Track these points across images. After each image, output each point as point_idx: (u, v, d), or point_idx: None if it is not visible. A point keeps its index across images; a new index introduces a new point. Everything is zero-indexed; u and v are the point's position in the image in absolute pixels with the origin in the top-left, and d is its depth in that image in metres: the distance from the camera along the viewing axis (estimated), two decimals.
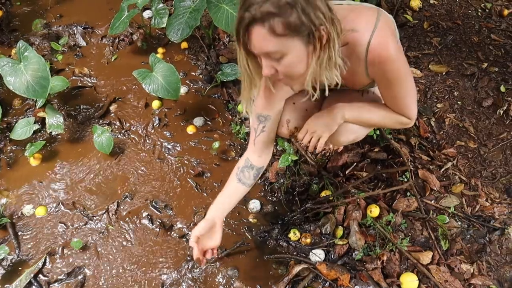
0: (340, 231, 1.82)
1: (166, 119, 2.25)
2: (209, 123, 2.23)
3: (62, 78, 2.22)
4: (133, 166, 2.09)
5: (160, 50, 2.49)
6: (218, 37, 2.53)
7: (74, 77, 2.43)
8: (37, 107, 2.25)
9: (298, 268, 1.72)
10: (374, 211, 1.83)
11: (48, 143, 2.18)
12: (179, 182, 2.03)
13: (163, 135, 2.19)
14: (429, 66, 2.38)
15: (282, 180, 1.99)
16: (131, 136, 2.20)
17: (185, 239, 1.86)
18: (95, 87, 2.39)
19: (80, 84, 2.40)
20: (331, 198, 1.89)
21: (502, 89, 2.30)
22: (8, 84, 1.97)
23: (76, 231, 1.90)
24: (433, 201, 1.91)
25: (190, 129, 2.19)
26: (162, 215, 1.94)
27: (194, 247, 1.36)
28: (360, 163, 2.00)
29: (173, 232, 1.89)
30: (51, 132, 2.19)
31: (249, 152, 1.53)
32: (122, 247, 1.85)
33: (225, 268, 1.76)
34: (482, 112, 2.23)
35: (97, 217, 1.94)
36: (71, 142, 2.19)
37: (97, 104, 2.31)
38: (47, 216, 1.95)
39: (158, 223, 1.90)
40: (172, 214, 1.94)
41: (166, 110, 2.28)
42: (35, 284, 1.74)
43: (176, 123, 2.23)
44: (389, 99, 1.35)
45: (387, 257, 1.72)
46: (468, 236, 1.82)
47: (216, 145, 2.10)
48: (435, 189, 1.94)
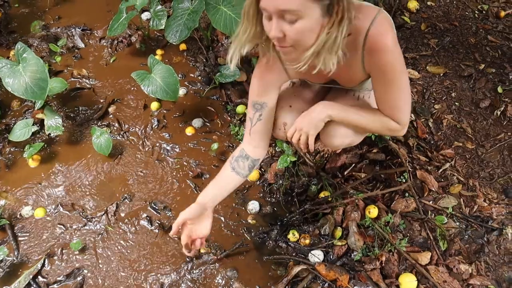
0: (339, 232, 1.83)
1: (165, 120, 2.25)
2: (207, 124, 2.23)
3: (61, 79, 2.22)
4: (132, 168, 2.10)
5: (159, 51, 2.50)
6: (217, 38, 2.53)
7: (72, 79, 2.43)
8: (35, 108, 2.25)
9: (297, 269, 1.72)
10: (373, 212, 1.84)
11: (46, 145, 2.18)
12: (178, 184, 2.03)
13: (162, 136, 2.19)
14: (427, 68, 2.39)
15: (281, 181, 1.99)
16: (130, 137, 2.20)
17: None
18: (93, 89, 2.39)
19: (79, 86, 2.41)
20: (329, 199, 1.90)
21: (499, 90, 2.31)
22: (6, 86, 1.97)
23: (75, 233, 1.90)
24: (431, 202, 1.92)
25: (189, 131, 2.20)
26: (161, 216, 1.94)
27: (183, 235, 1.33)
28: (358, 164, 2.01)
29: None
30: (49, 134, 2.19)
31: (244, 143, 1.50)
32: (121, 248, 1.85)
33: (224, 269, 1.77)
34: (480, 113, 2.24)
35: (96, 218, 1.94)
36: (70, 144, 2.19)
37: (96, 106, 2.31)
38: (46, 218, 1.95)
39: (157, 224, 1.90)
40: (171, 215, 1.94)
41: (165, 111, 2.28)
42: (34, 285, 1.74)
43: (174, 124, 2.24)
44: (382, 96, 1.32)
45: (385, 258, 1.73)
46: (467, 237, 1.83)
47: (215, 146, 2.11)
48: (433, 189, 1.95)
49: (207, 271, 1.77)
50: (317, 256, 1.75)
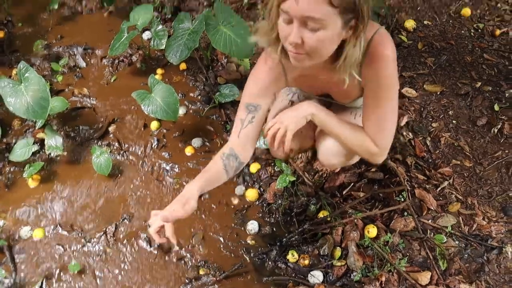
0: (338, 252, 1.83)
1: (165, 140, 2.26)
2: (207, 144, 2.24)
3: (62, 99, 2.24)
4: (131, 188, 2.10)
5: (159, 71, 2.52)
6: (216, 58, 2.56)
7: (73, 98, 2.45)
8: (36, 128, 2.26)
9: None
10: (372, 231, 1.84)
11: (46, 164, 2.18)
12: None
13: (162, 156, 2.20)
14: (424, 86, 2.41)
15: (280, 201, 1.99)
16: (130, 157, 2.21)
17: (183, 261, 1.86)
18: (94, 108, 2.40)
19: (80, 105, 2.42)
20: (328, 219, 1.90)
21: (496, 108, 2.32)
22: (8, 105, 1.99)
23: (74, 254, 1.89)
24: (430, 221, 1.92)
25: (189, 150, 2.20)
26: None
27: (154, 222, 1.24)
28: (357, 183, 2.01)
29: (171, 254, 1.88)
30: (50, 153, 2.20)
31: (231, 144, 1.42)
32: (120, 270, 1.84)
33: None
34: (477, 131, 2.25)
35: (95, 239, 1.94)
36: (70, 163, 2.20)
37: (96, 125, 2.33)
38: (44, 239, 1.95)
39: (156, 245, 1.90)
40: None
41: (165, 131, 2.29)
42: None
43: (174, 144, 2.24)
44: (370, 112, 1.32)
45: (385, 278, 1.73)
46: (466, 256, 1.82)
47: None
48: (432, 208, 1.96)
49: None
50: (316, 277, 1.75)
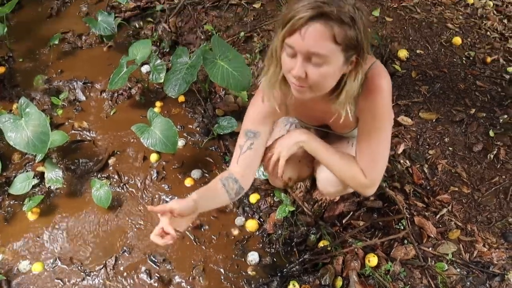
0: (339, 282, 1.82)
1: (164, 172, 2.27)
2: (206, 175, 2.25)
3: (62, 132, 2.26)
4: (131, 220, 2.10)
5: (158, 103, 2.55)
6: (214, 90, 2.60)
7: (73, 131, 2.48)
8: (36, 161, 2.28)
9: None
10: (372, 260, 1.83)
11: (46, 197, 2.19)
12: (177, 236, 2.02)
13: (161, 188, 2.21)
14: (419, 114, 2.45)
15: (280, 231, 1.99)
16: (130, 189, 2.21)
17: None
18: (94, 141, 2.43)
19: (79, 138, 2.45)
20: (329, 248, 1.90)
21: (491, 133, 2.36)
22: (9, 140, 2.01)
23: None
24: (430, 248, 1.92)
25: (188, 182, 2.21)
26: (161, 269, 1.93)
27: (163, 219, 1.18)
28: (356, 212, 2.02)
29: (171, 286, 1.87)
30: (49, 186, 2.21)
31: (230, 170, 1.43)
32: None
33: None
34: (473, 157, 2.28)
35: (94, 272, 1.93)
36: (70, 196, 2.20)
37: (96, 158, 2.34)
38: (43, 272, 1.94)
39: (157, 277, 1.89)
40: (170, 268, 1.93)
41: (164, 163, 2.31)
42: None
43: (174, 176, 2.26)
44: (363, 144, 1.33)
45: None
46: (468, 283, 1.82)
47: None
48: (432, 236, 1.96)
49: None
50: None
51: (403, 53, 2.75)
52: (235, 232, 2.03)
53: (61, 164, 2.31)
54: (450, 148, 2.30)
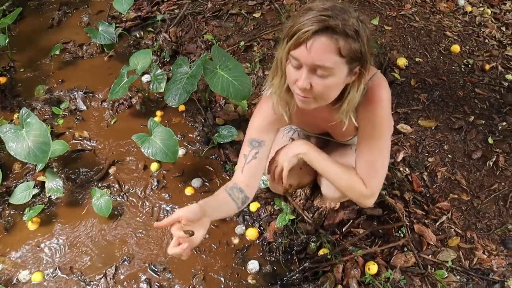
0: None
1: (165, 181, 2.28)
2: (207, 184, 2.26)
3: (63, 142, 2.27)
4: (131, 229, 2.10)
5: (158, 113, 2.56)
6: (215, 99, 2.61)
7: (74, 141, 2.48)
8: (37, 171, 2.28)
9: None
10: (372, 268, 1.84)
11: (46, 207, 2.19)
12: None
13: (162, 197, 2.22)
14: (419, 122, 2.46)
15: (280, 240, 2.00)
16: (130, 198, 2.22)
17: None
18: (94, 150, 2.44)
19: (80, 148, 2.46)
20: (329, 257, 1.90)
21: (490, 141, 2.37)
22: (9, 150, 2.01)
23: None
24: (430, 256, 1.92)
25: (188, 191, 2.22)
26: (161, 278, 1.93)
27: (175, 229, 1.12)
28: (356, 220, 2.03)
29: None
30: (50, 196, 2.21)
31: (235, 180, 1.41)
32: None
33: None
34: (473, 165, 2.28)
35: (94, 282, 1.93)
36: (70, 206, 2.21)
37: (97, 167, 2.35)
38: (43, 282, 1.93)
39: (157, 286, 1.89)
40: (170, 277, 1.93)
41: (165, 172, 2.31)
42: None
43: (174, 184, 2.26)
44: (363, 153, 1.34)
45: None
46: None
47: None
48: (432, 243, 1.96)
49: None
50: None
51: (402, 61, 2.77)
52: (235, 241, 2.03)
53: (62, 174, 2.32)
54: (450, 156, 2.31)
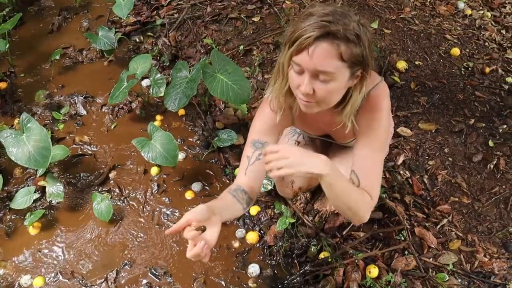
0: None
1: (165, 185, 2.28)
2: (207, 188, 2.26)
3: (63, 147, 2.27)
4: (132, 233, 2.10)
5: (158, 117, 2.57)
6: (214, 103, 2.62)
7: (74, 145, 2.49)
8: (37, 176, 2.29)
9: None
10: (373, 271, 1.83)
11: (47, 212, 2.19)
12: (178, 248, 2.03)
13: (162, 201, 2.22)
14: (419, 125, 2.46)
15: (280, 243, 1.99)
16: (130, 202, 2.22)
17: None
18: (95, 155, 2.44)
19: (80, 152, 2.46)
20: (329, 260, 1.90)
21: (491, 143, 2.37)
22: (10, 155, 2.02)
23: None
24: (431, 259, 1.92)
25: (189, 195, 2.22)
26: (162, 282, 1.92)
27: (187, 233, 1.08)
28: None
29: None
30: (51, 201, 2.21)
31: (238, 182, 1.40)
32: None
33: None
34: (473, 168, 2.28)
35: (95, 286, 1.92)
36: (71, 210, 2.21)
37: (97, 172, 2.36)
38: (44, 287, 1.93)
39: None
40: (171, 281, 1.93)
41: (165, 176, 2.32)
42: None
43: (174, 188, 2.26)
44: (362, 160, 1.31)
45: None
46: None
47: None
48: (433, 246, 1.96)
49: None
50: None
51: (402, 65, 2.77)
52: (236, 244, 2.03)
53: (62, 178, 2.33)
54: (450, 159, 2.31)
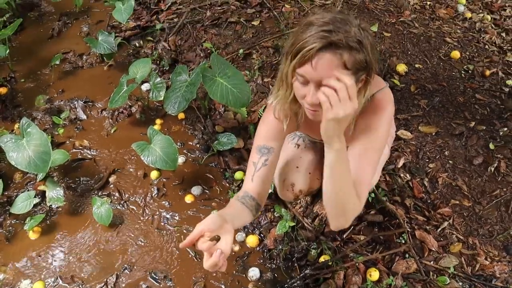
0: None
1: (165, 189, 2.28)
2: (206, 191, 2.26)
3: (63, 151, 2.27)
4: (132, 237, 2.10)
5: (158, 121, 2.57)
6: (214, 107, 2.62)
7: (74, 150, 2.49)
8: (37, 180, 2.29)
9: None
10: (374, 274, 1.82)
11: (47, 216, 2.19)
12: (178, 252, 2.03)
13: (162, 205, 2.21)
14: (419, 128, 2.45)
15: (280, 247, 1.99)
16: (130, 206, 2.22)
17: None
18: (94, 159, 2.44)
19: (80, 157, 2.46)
20: (330, 263, 1.89)
21: (491, 146, 2.36)
22: (10, 160, 2.02)
23: None
24: (432, 262, 1.91)
25: (188, 198, 2.22)
26: (162, 286, 1.92)
27: (201, 243, 1.06)
28: (357, 226, 2.02)
29: None
30: (51, 205, 2.21)
31: (245, 188, 1.39)
32: None
33: None
34: (474, 170, 2.27)
35: None
36: (71, 215, 2.21)
37: (97, 176, 2.35)
38: None
39: None
40: (171, 285, 1.92)
41: (164, 180, 2.31)
42: None
43: (174, 192, 2.26)
44: (356, 160, 1.28)
45: None
46: None
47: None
48: (433, 249, 1.95)
49: None
50: None
51: (401, 68, 2.77)
52: (236, 248, 2.02)
53: (62, 183, 2.32)
54: (450, 162, 2.30)
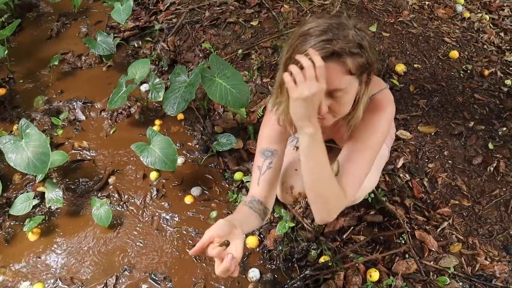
0: None
1: (164, 189, 2.27)
2: (206, 192, 2.26)
3: (62, 152, 2.27)
4: (131, 238, 2.10)
5: (157, 122, 2.57)
6: (213, 107, 2.62)
7: (73, 151, 2.49)
8: (36, 181, 2.28)
9: None
10: (374, 275, 1.82)
11: (47, 217, 2.19)
12: (178, 253, 2.03)
13: (161, 206, 2.21)
14: (418, 128, 2.45)
15: (280, 247, 1.98)
16: (130, 208, 2.22)
17: None
18: (94, 160, 2.44)
19: (80, 158, 2.46)
20: (330, 264, 1.89)
21: (490, 146, 2.36)
22: (9, 161, 2.02)
23: None
24: (432, 262, 1.91)
25: (188, 199, 2.22)
26: (162, 287, 1.91)
27: (211, 250, 1.05)
28: (356, 226, 2.01)
29: None
30: (50, 206, 2.21)
31: (252, 193, 1.39)
32: None
33: None
34: (473, 170, 2.27)
35: None
36: (70, 216, 2.20)
37: (96, 177, 2.35)
38: None
39: None
40: (171, 286, 1.92)
41: (164, 180, 2.31)
42: None
43: (173, 193, 2.26)
44: (349, 156, 1.29)
45: None
46: None
47: (214, 214, 2.12)
48: (433, 249, 1.95)
49: None
50: None
51: (400, 68, 2.77)
52: None
53: (61, 184, 2.32)
54: (450, 161, 2.30)
